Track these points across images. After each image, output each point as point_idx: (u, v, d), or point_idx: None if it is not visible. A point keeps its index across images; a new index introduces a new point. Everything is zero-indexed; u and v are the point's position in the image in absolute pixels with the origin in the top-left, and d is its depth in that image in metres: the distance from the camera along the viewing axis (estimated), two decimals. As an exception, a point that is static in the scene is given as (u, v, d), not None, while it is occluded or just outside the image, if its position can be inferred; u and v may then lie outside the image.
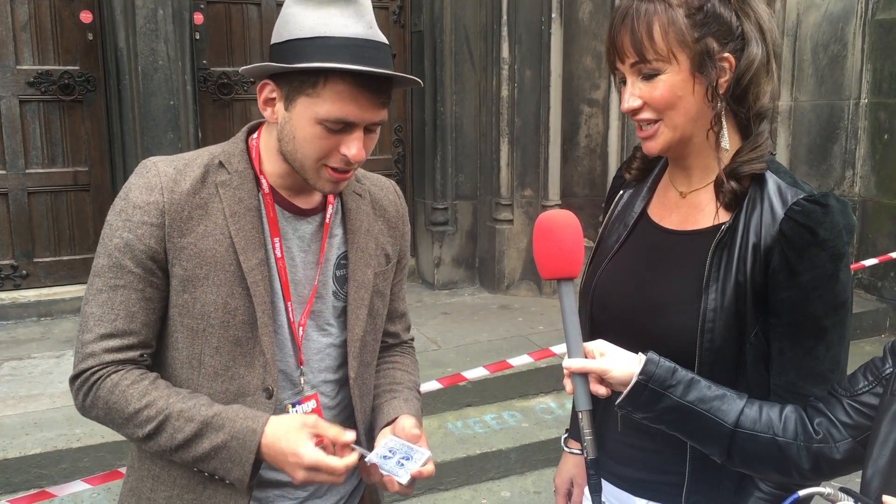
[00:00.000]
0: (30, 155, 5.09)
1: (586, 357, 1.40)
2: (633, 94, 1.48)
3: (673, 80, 1.45)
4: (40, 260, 5.21)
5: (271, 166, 1.54)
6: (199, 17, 5.24)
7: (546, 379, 4.56)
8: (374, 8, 1.46)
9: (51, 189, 5.17)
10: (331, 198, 1.62)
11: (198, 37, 5.23)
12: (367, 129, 1.46)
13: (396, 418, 1.62)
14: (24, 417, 3.77)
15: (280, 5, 2.03)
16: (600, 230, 1.74)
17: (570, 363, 1.39)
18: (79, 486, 2.77)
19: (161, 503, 1.54)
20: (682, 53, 1.43)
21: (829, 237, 1.40)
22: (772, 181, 1.48)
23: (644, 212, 1.66)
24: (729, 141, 1.50)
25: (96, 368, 1.46)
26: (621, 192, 1.74)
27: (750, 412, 1.38)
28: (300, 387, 1.58)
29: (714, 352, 1.46)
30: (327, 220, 1.60)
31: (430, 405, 4.25)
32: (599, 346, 1.41)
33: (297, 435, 1.43)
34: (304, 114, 1.43)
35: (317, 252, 1.59)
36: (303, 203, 1.58)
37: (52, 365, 4.37)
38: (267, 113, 1.49)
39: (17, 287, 5.16)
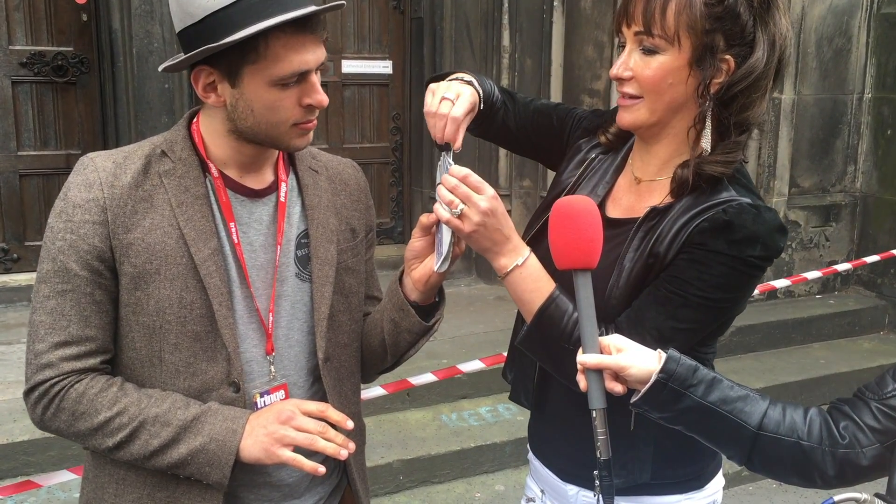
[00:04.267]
0: (22, 137, 5.02)
1: (602, 352, 1.33)
2: (627, 64, 1.47)
3: (669, 65, 1.42)
4: (31, 243, 5.13)
5: (217, 150, 1.48)
6: None
7: (542, 372, 4.51)
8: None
9: (43, 172, 5.09)
10: (282, 175, 1.55)
11: (194, 19, 5.15)
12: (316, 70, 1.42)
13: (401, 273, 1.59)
14: (13, 403, 3.71)
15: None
16: (566, 178, 1.69)
17: (586, 359, 1.31)
18: (65, 475, 2.72)
19: None
20: (688, 40, 1.40)
21: (742, 238, 1.40)
22: (726, 192, 1.46)
23: (603, 200, 1.62)
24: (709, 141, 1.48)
25: (57, 379, 1.39)
26: (593, 154, 1.67)
27: (773, 414, 1.32)
28: (272, 376, 1.52)
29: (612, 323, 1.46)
30: (282, 199, 1.54)
31: (424, 397, 4.22)
32: (616, 341, 1.34)
33: (282, 403, 1.44)
34: (256, 83, 1.36)
35: (275, 234, 1.53)
36: (254, 183, 1.51)
37: (42, 350, 4.31)
38: (211, 99, 1.42)
39: (7, 271, 5.10)
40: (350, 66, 5.74)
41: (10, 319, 4.76)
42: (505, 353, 3.74)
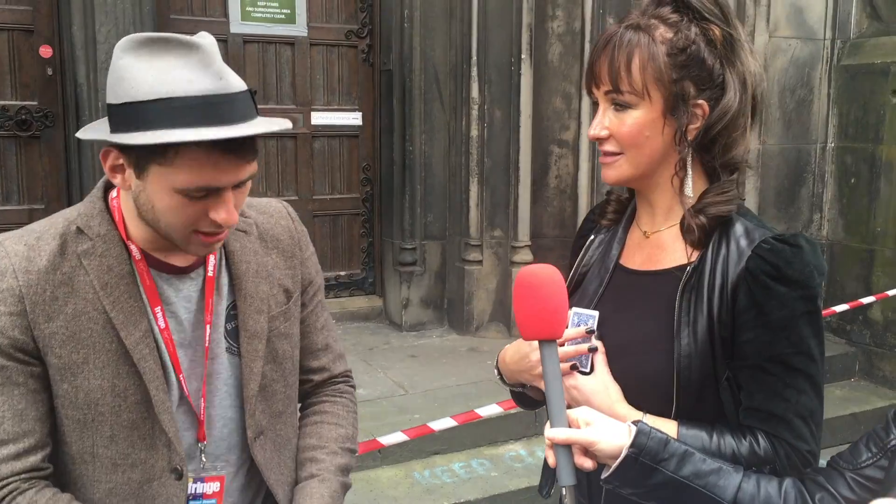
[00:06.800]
0: (-17, 191, 4.93)
1: (570, 426, 1.27)
2: (602, 123, 1.45)
3: (643, 118, 1.41)
4: (-9, 300, 5.00)
5: (136, 230, 1.38)
6: (163, 53, 5.14)
7: (516, 425, 4.44)
8: (342, 46, 1.35)
9: (4, 227, 4.91)
10: None
11: (162, 73, 5.12)
12: (236, 186, 1.32)
13: None
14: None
15: (247, 41, 1.80)
16: (571, 274, 1.66)
17: (554, 433, 1.25)
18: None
19: None
20: (657, 92, 1.39)
21: (799, 277, 1.34)
22: (739, 223, 1.43)
23: (618, 259, 1.59)
24: (693, 187, 1.46)
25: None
26: (592, 236, 1.67)
27: (748, 487, 1.27)
28: (202, 463, 1.44)
29: (692, 396, 1.38)
30: (210, 274, 1.45)
31: (395, 454, 4.11)
32: (585, 414, 1.29)
33: None
34: (159, 183, 1.26)
35: (204, 310, 1.44)
36: (180, 261, 1.42)
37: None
38: (117, 180, 1.32)
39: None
40: (320, 118, 5.73)
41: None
42: (477, 410, 3.68)
